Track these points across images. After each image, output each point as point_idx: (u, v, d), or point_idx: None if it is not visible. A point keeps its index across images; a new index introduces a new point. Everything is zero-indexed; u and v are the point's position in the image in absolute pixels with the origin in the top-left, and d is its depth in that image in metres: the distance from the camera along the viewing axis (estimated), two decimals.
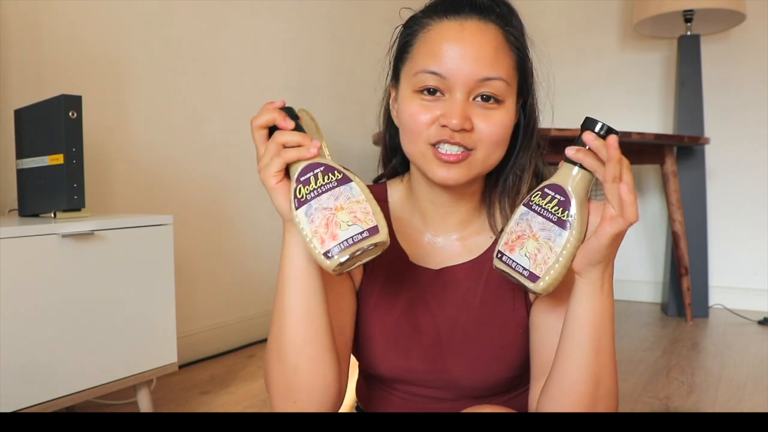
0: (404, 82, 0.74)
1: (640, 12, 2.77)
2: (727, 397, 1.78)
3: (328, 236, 0.60)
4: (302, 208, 0.61)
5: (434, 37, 0.71)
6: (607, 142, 0.62)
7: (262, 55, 2.46)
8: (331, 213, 0.61)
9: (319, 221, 0.60)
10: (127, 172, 1.93)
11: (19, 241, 1.20)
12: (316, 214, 0.61)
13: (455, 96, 0.69)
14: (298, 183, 0.62)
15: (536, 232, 0.65)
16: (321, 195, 0.61)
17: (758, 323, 2.65)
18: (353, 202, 0.61)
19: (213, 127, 2.23)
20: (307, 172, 0.63)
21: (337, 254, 0.59)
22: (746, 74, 2.92)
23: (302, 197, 0.61)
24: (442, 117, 0.69)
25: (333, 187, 0.62)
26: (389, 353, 0.78)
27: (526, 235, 0.65)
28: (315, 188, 0.62)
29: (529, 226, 0.66)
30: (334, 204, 0.61)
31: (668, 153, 2.67)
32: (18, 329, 1.20)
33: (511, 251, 0.66)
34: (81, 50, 1.79)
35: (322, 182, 0.62)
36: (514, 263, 0.65)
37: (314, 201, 0.61)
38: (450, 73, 0.69)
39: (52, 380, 1.25)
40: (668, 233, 2.87)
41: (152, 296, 1.45)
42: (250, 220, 2.39)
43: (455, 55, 0.69)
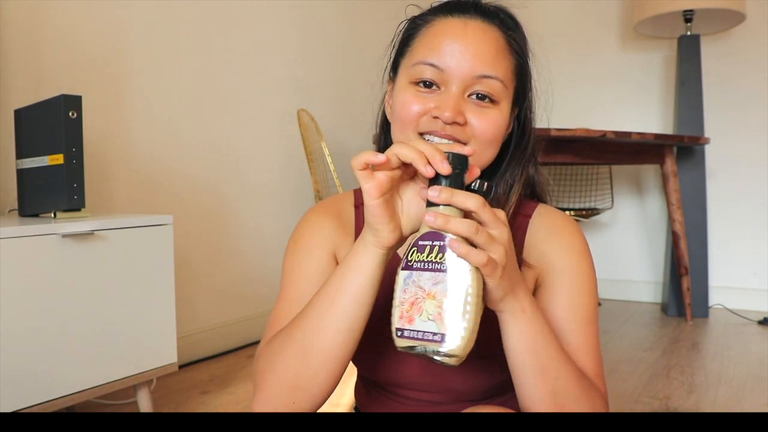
0: (402, 75, 0.74)
1: (640, 12, 2.77)
2: (727, 397, 1.78)
3: (407, 316, 0.57)
4: (405, 272, 0.58)
5: (436, 31, 0.71)
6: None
7: (263, 55, 2.46)
8: (421, 295, 0.57)
9: (409, 295, 0.57)
10: (127, 172, 1.93)
11: (19, 241, 1.20)
12: (411, 287, 0.57)
13: (450, 89, 0.69)
14: (416, 245, 0.58)
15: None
16: (425, 271, 0.57)
17: (758, 323, 2.65)
18: (448, 297, 0.55)
19: (213, 127, 2.23)
20: (428, 239, 0.57)
21: (404, 339, 0.56)
22: (746, 74, 2.93)
23: (410, 262, 0.58)
24: (435, 109, 0.68)
25: (439, 269, 0.56)
26: (384, 358, 0.77)
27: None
28: (423, 260, 0.57)
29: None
30: (429, 288, 0.56)
31: (668, 153, 2.67)
32: (18, 329, 1.20)
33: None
34: (81, 50, 1.79)
35: (433, 258, 0.57)
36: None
37: (416, 273, 0.57)
38: (448, 67, 0.69)
39: (52, 380, 1.25)
40: (668, 233, 2.87)
41: (152, 296, 1.45)
42: (250, 220, 2.39)
43: (455, 50, 0.69)
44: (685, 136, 2.58)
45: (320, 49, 2.75)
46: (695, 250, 2.78)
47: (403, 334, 0.57)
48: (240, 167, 2.35)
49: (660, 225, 3.12)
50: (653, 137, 2.48)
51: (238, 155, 2.35)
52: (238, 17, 2.33)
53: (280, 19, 2.54)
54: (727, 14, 2.71)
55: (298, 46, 2.64)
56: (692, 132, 2.78)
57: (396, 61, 0.77)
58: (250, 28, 2.39)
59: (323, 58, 2.78)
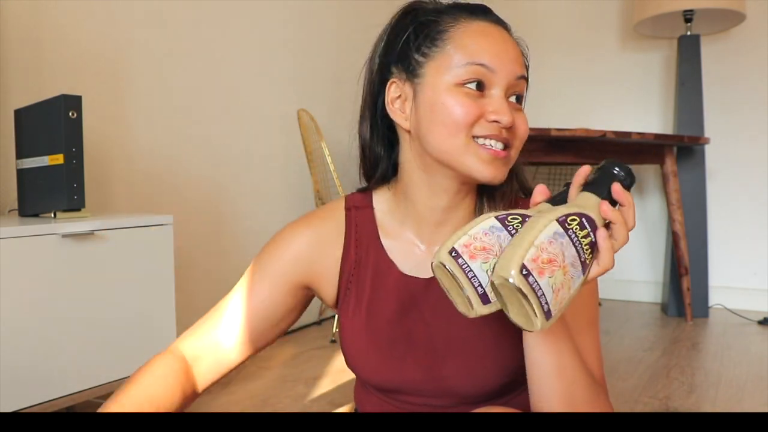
0: (437, 75, 0.70)
1: (640, 12, 2.77)
2: (727, 397, 1.78)
3: (539, 266, 0.53)
4: (558, 227, 0.55)
5: (475, 32, 0.70)
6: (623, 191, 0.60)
7: (263, 55, 2.46)
8: (560, 262, 0.54)
9: (553, 249, 0.53)
10: (127, 172, 1.93)
11: (19, 241, 1.20)
12: (556, 245, 0.54)
13: (498, 93, 0.69)
14: (580, 216, 0.57)
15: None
16: (573, 246, 0.55)
17: (758, 323, 2.65)
18: (571, 288, 0.55)
19: (213, 127, 2.23)
20: (588, 225, 0.57)
21: (519, 277, 0.52)
22: (746, 74, 2.92)
23: (570, 227, 0.56)
24: (492, 113, 0.68)
25: (583, 260, 0.56)
26: (384, 364, 0.77)
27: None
28: (579, 238, 0.56)
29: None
30: (568, 262, 0.54)
31: (668, 153, 2.67)
32: (18, 329, 1.20)
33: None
34: (81, 50, 1.79)
35: (584, 244, 0.56)
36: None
37: (567, 240, 0.55)
38: (499, 67, 0.69)
39: (52, 380, 1.25)
40: (668, 233, 2.87)
41: (152, 296, 1.45)
42: (250, 220, 2.39)
43: (501, 52, 0.69)
44: (685, 136, 2.58)
45: (320, 49, 2.75)
46: (695, 250, 2.78)
47: (527, 278, 0.52)
48: (240, 167, 2.35)
49: (660, 225, 3.12)
50: (653, 137, 2.48)
51: (238, 155, 2.35)
52: (239, 17, 2.33)
53: (280, 19, 2.54)
54: (727, 14, 2.71)
55: (298, 46, 2.64)
56: (692, 132, 2.78)
57: (410, 58, 0.73)
58: (250, 28, 2.39)
59: (323, 58, 2.78)
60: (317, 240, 0.78)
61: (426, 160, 0.73)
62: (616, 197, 0.59)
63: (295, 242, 0.79)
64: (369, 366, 0.78)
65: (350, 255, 0.78)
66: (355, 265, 0.78)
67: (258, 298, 0.78)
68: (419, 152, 0.74)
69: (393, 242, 0.79)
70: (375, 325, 0.77)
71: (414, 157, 0.75)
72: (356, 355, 0.79)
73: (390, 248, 0.79)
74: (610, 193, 0.59)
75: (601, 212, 0.57)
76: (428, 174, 0.74)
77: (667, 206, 2.71)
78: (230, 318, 0.79)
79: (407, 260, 0.78)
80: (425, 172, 0.74)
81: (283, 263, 0.78)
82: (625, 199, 0.59)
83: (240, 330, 0.78)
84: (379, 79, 0.77)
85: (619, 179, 0.59)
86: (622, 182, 0.59)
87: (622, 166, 0.60)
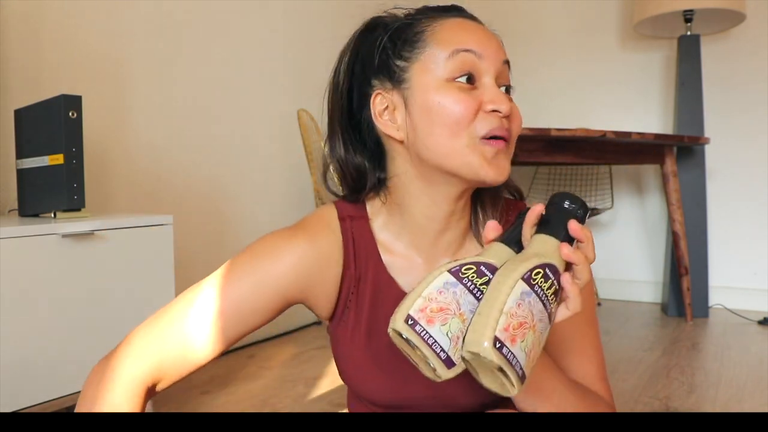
0: (423, 75, 0.68)
1: (640, 12, 2.77)
2: (727, 397, 1.78)
3: (512, 333, 0.51)
4: (525, 286, 0.53)
5: (453, 26, 0.69)
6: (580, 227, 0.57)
7: (263, 55, 2.46)
8: (530, 323, 0.52)
9: (522, 312, 0.52)
10: (127, 172, 1.93)
11: (19, 241, 1.20)
12: (525, 306, 0.52)
13: (489, 81, 0.67)
14: (543, 268, 0.54)
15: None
16: (540, 301, 0.53)
17: (758, 323, 2.65)
18: (538, 345, 0.53)
19: (213, 127, 2.23)
20: (552, 273, 0.55)
21: (494, 352, 0.49)
22: (746, 74, 2.92)
23: (534, 282, 0.53)
24: (489, 102, 0.66)
25: (549, 311, 0.54)
26: (386, 384, 0.75)
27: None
28: (544, 291, 0.54)
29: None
30: (536, 320, 0.52)
31: (668, 153, 2.67)
32: (18, 329, 1.20)
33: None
34: (81, 50, 1.79)
35: (549, 294, 0.54)
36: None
37: (534, 297, 0.53)
38: (485, 52, 0.67)
39: (52, 380, 1.25)
40: (668, 233, 2.87)
41: (152, 296, 1.45)
42: (250, 220, 2.39)
43: (482, 37, 0.68)
44: (685, 136, 2.58)
45: (320, 49, 2.75)
46: (695, 250, 2.78)
47: (501, 350, 0.50)
48: (240, 167, 2.35)
49: (660, 225, 3.12)
50: (653, 137, 2.48)
51: (238, 155, 2.35)
52: (239, 17, 2.33)
53: (280, 19, 2.54)
54: (727, 14, 2.71)
55: (298, 47, 2.64)
56: (692, 132, 2.78)
57: (390, 66, 0.70)
58: (250, 28, 2.39)
59: (323, 58, 2.78)
60: (317, 256, 0.72)
61: (424, 169, 0.70)
62: (575, 235, 0.56)
63: (292, 256, 0.72)
64: (370, 384, 0.76)
65: (350, 271, 0.74)
66: (355, 282, 0.74)
67: (238, 305, 0.70)
68: (416, 161, 0.70)
69: (392, 257, 0.75)
70: (376, 346, 0.74)
71: (410, 167, 0.71)
72: (355, 373, 0.76)
73: (389, 263, 0.75)
74: (567, 233, 0.56)
75: (563, 256, 0.55)
76: (427, 183, 0.71)
77: (667, 206, 2.71)
78: (199, 321, 0.70)
79: (407, 276, 0.75)
80: (424, 181, 0.71)
81: (278, 277, 0.71)
82: (584, 236, 0.56)
83: (211, 333, 0.70)
84: (358, 95, 0.74)
85: (575, 215, 0.57)
86: (578, 217, 0.57)
87: (573, 198, 0.57)
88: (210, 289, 0.71)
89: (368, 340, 0.74)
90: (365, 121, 0.74)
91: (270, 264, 0.71)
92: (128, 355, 0.68)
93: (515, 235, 0.60)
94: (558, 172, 3.29)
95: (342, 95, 0.74)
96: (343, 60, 0.75)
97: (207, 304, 0.70)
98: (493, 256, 0.57)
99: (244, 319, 0.71)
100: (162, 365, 0.68)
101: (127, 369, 0.66)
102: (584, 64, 3.26)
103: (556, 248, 0.55)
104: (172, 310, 0.71)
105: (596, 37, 3.24)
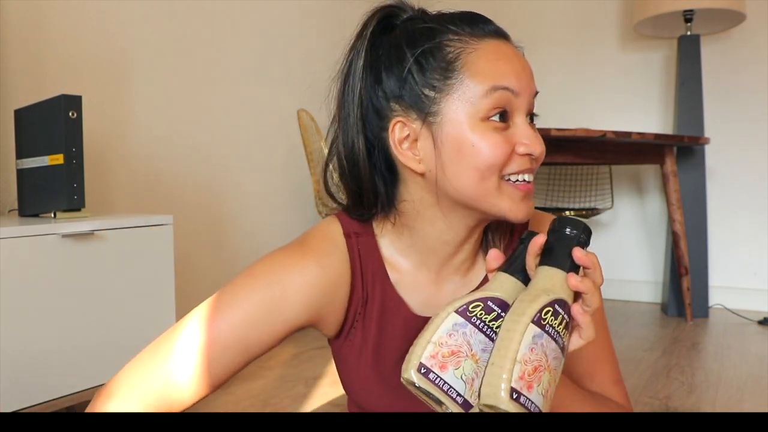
0: (457, 111, 0.63)
1: (640, 12, 2.77)
2: (727, 397, 1.78)
3: (527, 379, 0.50)
4: (536, 329, 0.51)
5: (489, 52, 0.64)
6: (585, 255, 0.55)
7: (263, 55, 2.46)
8: (544, 364, 0.51)
9: (535, 357, 0.50)
10: (127, 172, 1.93)
11: (19, 241, 1.20)
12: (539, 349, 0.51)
13: (522, 119, 0.65)
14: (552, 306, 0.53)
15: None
16: (552, 340, 0.52)
17: (758, 323, 2.65)
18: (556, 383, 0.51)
19: (213, 127, 2.23)
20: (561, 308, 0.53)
21: (513, 403, 0.49)
22: (746, 74, 2.92)
23: (545, 322, 0.52)
24: (523, 145, 0.63)
25: (562, 347, 0.53)
26: (394, 403, 0.73)
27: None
28: (555, 328, 0.52)
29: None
30: (550, 360, 0.51)
31: (668, 153, 2.67)
32: (18, 329, 1.20)
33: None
34: (81, 50, 1.79)
35: (560, 330, 0.53)
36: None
37: (546, 338, 0.52)
38: (522, 89, 0.64)
39: (52, 380, 1.25)
40: (668, 233, 2.87)
41: (152, 296, 1.45)
42: (250, 220, 2.39)
43: (519, 70, 0.65)
44: (685, 136, 2.58)
45: (320, 49, 2.75)
46: (695, 250, 2.78)
47: (518, 399, 0.49)
48: (240, 167, 2.35)
49: (660, 225, 3.12)
50: (653, 137, 2.48)
51: (238, 155, 2.35)
52: (238, 17, 2.33)
53: (280, 19, 2.54)
54: (727, 14, 2.71)
55: (298, 46, 2.64)
56: (692, 132, 2.78)
57: (417, 94, 0.64)
58: (250, 27, 2.39)
59: (323, 57, 2.78)
60: (326, 279, 0.68)
61: (445, 202, 0.67)
62: (580, 263, 0.55)
63: (301, 282, 0.67)
64: (377, 402, 0.75)
65: (358, 292, 0.71)
66: (362, 302, 0.72)
67: (237, 337, 0.66)
68: (438, 194, 0.67)
69: (399, 275, 0.73)
70: (383, 367, 0.73)
71: (427, 195, 0.68)
72: (361, 392, 0.75)
73: (397, 281, 0.72)
74: (572, 261, 0.55)
75: (571, 287, 0.54)
76: (445, 213, 0.68)
77: (667, 206, 2.71)
78: (189, 359, 0.65)
79: (415, 296, 0.73)
80: (442, 209, 0.68)
81: (285, 304, 0.67)
82: (590, 262, 0.55)
83: (202, 372, 0.65)
84: (372, 109, 0.68)
85: (577, 241, 0.55)
86: (581, 243, 0.55)
87: (575, 223, 0.56)
88: (206, 320, 0.66)
89: (375, 359, 0.73)
90: (376, 137, 0.68)
91: (278, 292, 0.67)
92: (112, 397, 0.65)
93: (519, 263, 0.58)
94: (558, 172, 3.29)
95: (359, 104, 0.68)
96: (357, 60, 0.68)
97: (197, 339, 0.65)
98: (498, 288, 0.57)
99: (248, 350, 0.67)
100: (147, 409, 0.65)
101: (108, 408, 0.64)
102: (584, 64, 3.26)
103: (563, 280, 0.54)
104: (161, 346, 0.67)
105: (596, 37, 3.24)
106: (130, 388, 0.65)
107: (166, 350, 0.66)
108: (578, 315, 0.54)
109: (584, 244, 0.56)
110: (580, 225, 0.56)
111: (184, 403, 0.66)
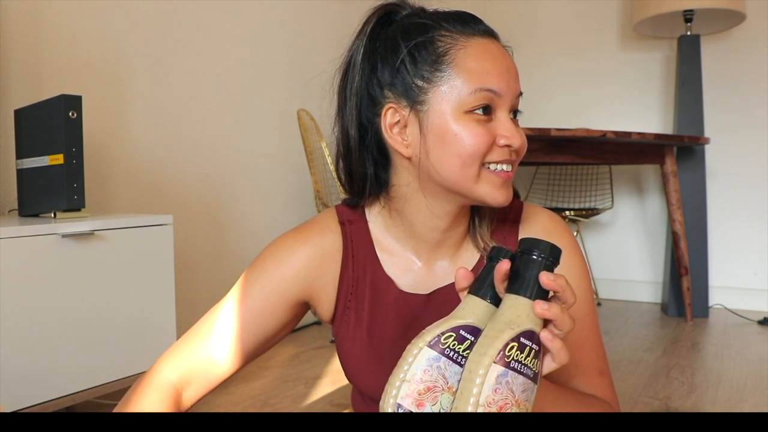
0: (443, 101, 0.67)
1: (640, 12, 2.77)
2: (727, 397, 1.78)
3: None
4: (500, 368, 0.50)
5: (477, 51, 0.68)
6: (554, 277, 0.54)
7: (263, 55, 2.46)
8: (511, 401, 0.50)
9: (499, 397, 0.50)
10: (127, 172, 1.93)
11: (19, 241, 1.20)
12: (503, 388, 0.50)
13: (504, 114, 0.69)
14: (518, 341, 0.51)
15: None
16: (519, 375, 0.51)
17: (758, 323, 2.65)
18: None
19: (213, 127, 2.23)
20: (528, 339, 0.52)
21: None
22: (746, 74, 2.93)
23: (509, 359, 0.50)
24: (503, 138, 0.68)
25: (532, 378, 0.51)
26: None
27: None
28: (521, 362, 0.51)
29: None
30: (518, 395, 0.50)
31: (668, 153, 2.67)
32: (18, 329, 1.20)
33: None
34: (81, 50, 1.79)
35: (529, 362, 0.51)
36: None
37: (512, 374, 0.50)
38: (505, 90, 0.68)
39: (52, 380, 1.25)
40: (668, 233, 2.87)
41: (152, 296, 1.45)
42: (250, 220, 2.39)
43: (504, 71, 0.68)
44: (685, 136, 2.58)
45: (320, 49, 2.75)
46: (695, 250, 2.78)
47: None
48: (240, 167, 2.35)
49: (660, 225, 3.12)
50: (653, 137, 2.48)
51: (238, 155, 2.35)
52: (238, 17, 2.33)
53: (280, 19, 2.54)
54: (727, 14, 2.71)
55: (298, 46, 2.64)
56: (692, 132, 2.78)
57: (408, 83, 0.69)
58: (250, 28, 2.39)
59: (323, 58, 2.78)
60: (317, 256, 0.76)
61: (429, 186, 0.71)
62: (548, 288, 0.53)
63: (294, 258, 0.76)
64: (374, 383, 0.77)
65: (348, 272, 0.77)
66: (354, 282, 0.77)
67: (252, 313, 0.75)
68: (422, 178, 0.71)
69: (389, 257, 0.78)
70: (378, 345, 0.76)
71: (413, 180, 0.72)
72: (359, 373, 0.78)
73: (387, 263, 0.77)
74: (540, 287, 0.53)
75: (537, 315, 0.52)
76: (430, 197, 0.72)
77: (667, 206, 2.71)
78: (221, 334, 0.75)
79: (405, 276, 0.77)
80: (427, 196, 0.72)
81: (281, 279, 0.75)
82: (557, 286, 0.53)
83: (232, 345, 0.75)
84: (367, 96, 0.73)
85: (545, 265, 0.53)
86: (547, 266, 0.53)
87: (540, 245, 0.54)
88: (229, 301, 0.77)
89: (369, 338, 0.76)
90: (369, 123, 0.73)
91: (275, 271, 0.76)
92: (160, 363, 0.75)
93: (489, 285, 0.57)
94: (558, 172, 3.30)
95: (359, 93, 0.73)
96: (357, 53, 0.73)
97: (226, 316, 0.76)
98: (470, 315, 0.56)
99: (262, 326, 0.76)
100: (190, 374, 0.74)
101: (158, 373, 0.73)
102: (584, 64, 3.26)
103: (530, 309, 0.53)
104: (200, 326, 0.77)
105: (596, 37, 3.24)
106: (175, 361, 0.74)
107: (206, 329, 0.76)
108: (547, 341, 0.53)
109: (551, 267, 0.54)
110: (547, 247, 0.54)
111: (221, 380, 0.76)
